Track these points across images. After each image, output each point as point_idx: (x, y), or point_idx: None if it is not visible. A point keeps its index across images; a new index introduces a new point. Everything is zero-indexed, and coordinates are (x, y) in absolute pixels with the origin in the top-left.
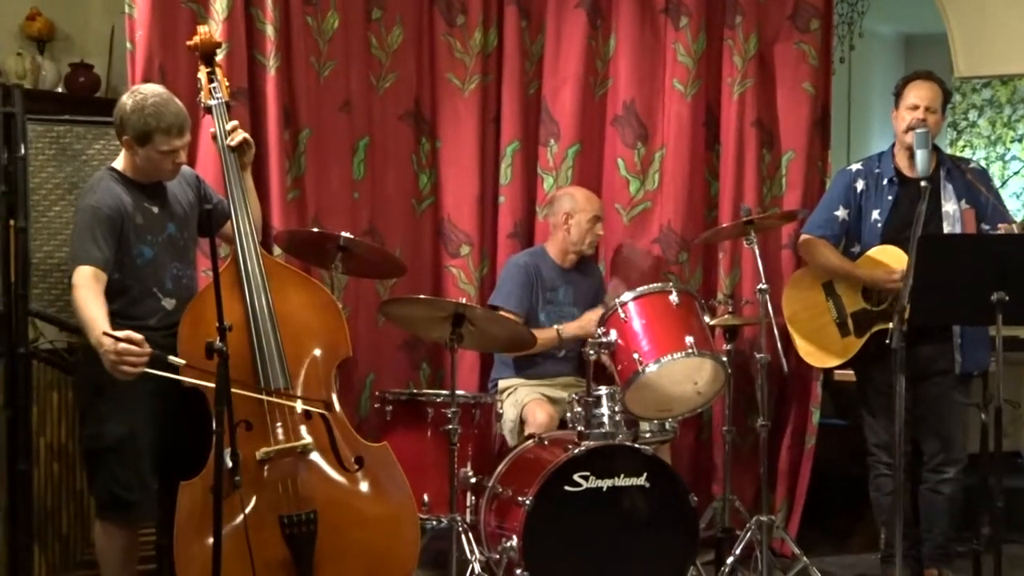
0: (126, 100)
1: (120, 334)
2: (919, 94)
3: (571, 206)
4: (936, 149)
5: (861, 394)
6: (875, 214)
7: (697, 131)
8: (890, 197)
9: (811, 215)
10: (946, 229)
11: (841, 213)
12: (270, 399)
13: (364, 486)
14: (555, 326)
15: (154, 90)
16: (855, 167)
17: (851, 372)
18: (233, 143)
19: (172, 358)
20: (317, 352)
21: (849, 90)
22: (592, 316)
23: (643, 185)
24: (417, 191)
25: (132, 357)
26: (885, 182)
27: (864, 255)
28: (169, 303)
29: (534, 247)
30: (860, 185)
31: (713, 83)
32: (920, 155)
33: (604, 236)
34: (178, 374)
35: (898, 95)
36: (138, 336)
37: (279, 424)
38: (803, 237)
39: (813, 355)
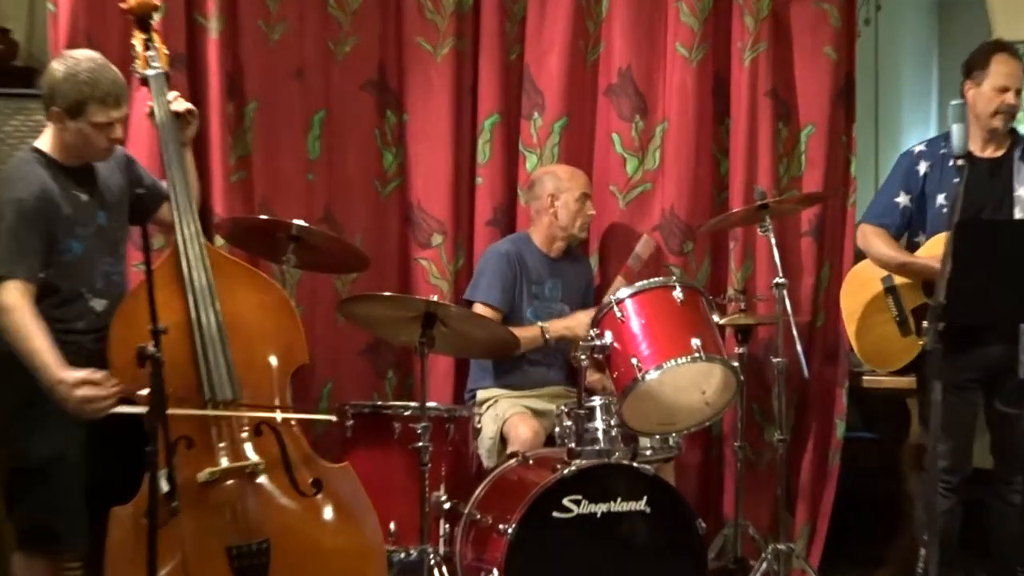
0: (56, 66)
1: (78, 375)
2: (1010, 73)
3: (555, 186)
4: (1012, 130)
5: (923, 400)
6: (940, 199)
7: (703, 102)
8: (957, 180)
9: (871, 202)
10: (1017, 214)
11: (902, 199)
12: (215, 412)
13: (323, 512)
14: (539, 323)
15: (88, 55)
16: (918, 148)
17: (881, 378)
18: (181, 108)
19: (143, 392)
20: (270, 358)
21: (876, 56)
22: (583, 317)
23: (642, 164)
24: (381, 172)
25: (96, 403)
26: (952, 164)
27: (923, 246)
28: (99, 304)
29: (517, 233)
30: (923, 168)
31: (722, 47)
32: (956, 130)
33: (598, 223)
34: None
35: (975, 68)
36: (98, 375)
37: (225, 441)
38: (862, 226)
39: (872, 357)
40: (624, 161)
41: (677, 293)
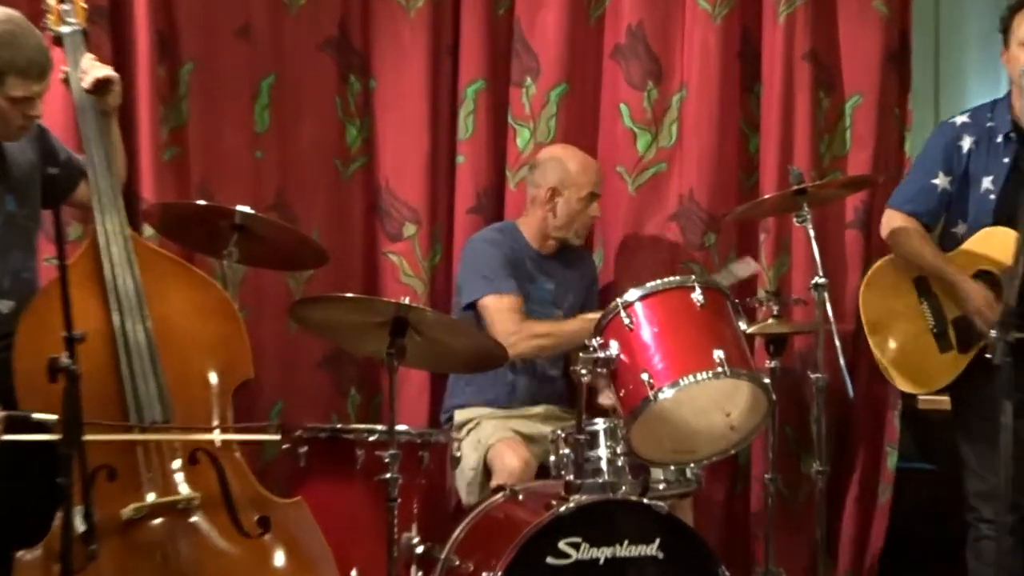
0: None
1: None
2: None
3: (560, 178)
4: None
5: (962, 428)
6: (986, 182)
7: (729, 67)
8: (1006, 159)
9: (900, 184)
10: None
11: (940, 181)
12: (142, 437)
13: (270, 557)
14: (586, 315)
15: (6, 14)
16: (960, 119)
17: (941, 398)
18: (99, 75)
19: (40, 415)
20: (207, 373)
21: (936, 11)
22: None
23: (655, 141)
24: (343, 149)
25: None
26: (1000, 139)
27: (963, 245)
28: (6, 305)
29: (502, 223)
30: (967, 143)
31: (751, 1)
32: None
33: (604, 211)
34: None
35: (1006, 29)
36: None
37: (154, 472)
38: (888, 212)
39: (903, 377)
40: (634, 137)
41: (696, 295)
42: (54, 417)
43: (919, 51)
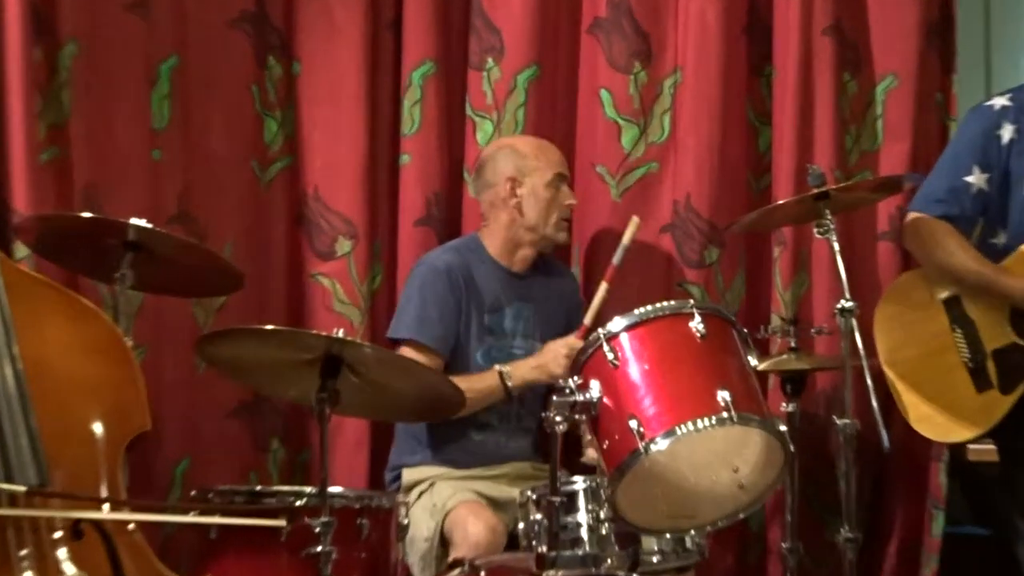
0: None
1: None
2: None
3: (515, 166)
4: None
5: (1008, 486)
6: None
7: (733, 45)
8: None
9: (925, 181)
10: None
11: (975, 179)
12: (12, 512)
13: None
14: (496, 366)
15: None
16: (999, 102)
17: (994, 447)
18: None
19: None
20: (93, 424)
21: None
22: (558, 347)
23: (644, 135)
24: (261, 148)
25: None
26: None
27: (1017, 251)
28: None
29: (462, 238)
30: (1007, 133)
31: None
32: None
33: (581, 222)
34: None
35: None
36: None
37: (28, 548)
38: (911, 217)
39: (929, 420)
40: (618, 130)
41: (696, 324)
42: None
43: (964, 24)
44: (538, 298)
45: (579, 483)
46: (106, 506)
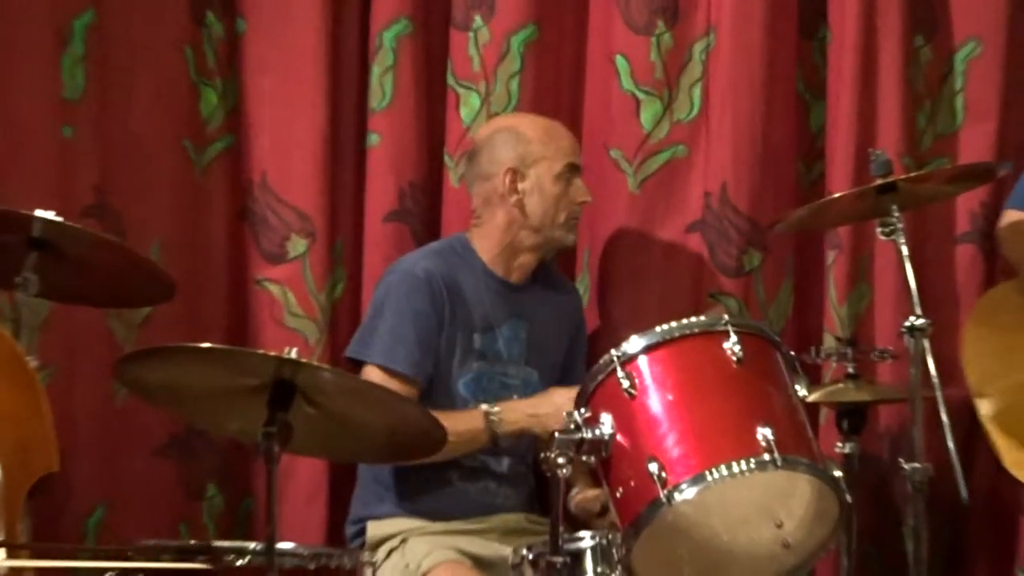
0: None
1: None
2: None
3: (518, 153)
4: None
5: None
6: None
7: (780, 1)
8: None
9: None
10: None
11: None
12: None
13: None
14: (483, 406)
15: None
16: None
17: None
18: None
19: None
20: None
21: None
22: (562, 400)
23: (669, 111)
24: (197, 125)
25: None
26: None
27: None
28: None
29: (446, 239)
30: None
31: None
32: None
33: (591, 218)
34: None
35: None
36: None
37: None
38: (1008, 217)
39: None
40: (637, 105)
41: (732, 345)
42: None
43: None
44: (536, 316)
45: (586, 540)
46: (1, 551)
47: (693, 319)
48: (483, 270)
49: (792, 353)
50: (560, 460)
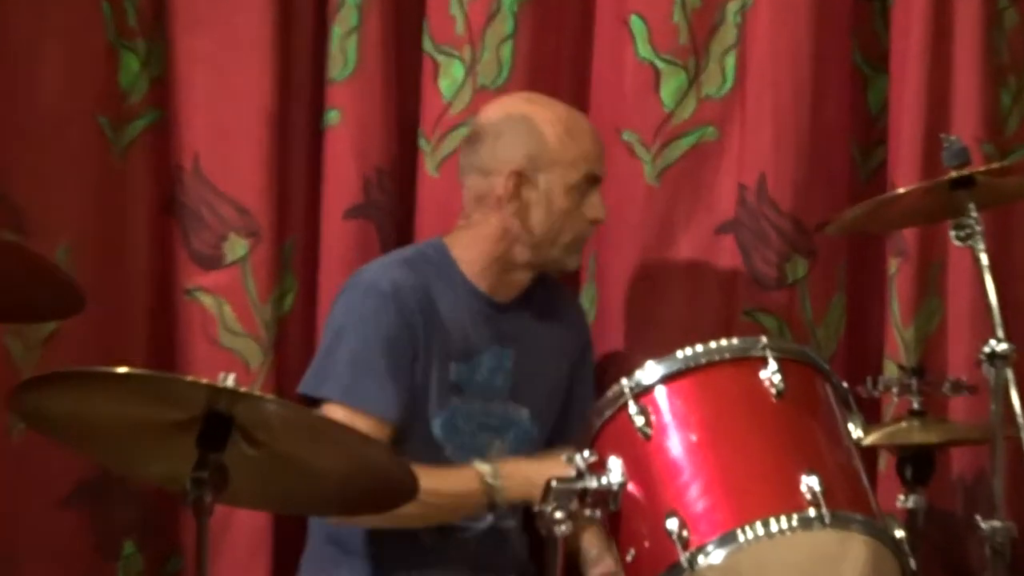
0: None
1: None
2: None
3: (529, 152)
4: None
5: None
6: None
7: None
8: None
9: None
10: None
11: None
12: None
13: None
14: (478, 465)
15: None
16: None
17: None
18: None
19: None
20: None
21: None
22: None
23: (695, 85)
24: (115, 97)
25: None
26: None
27: None
28: None
29: (418, 247)
30: None
31: None
32: None
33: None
34: None
35: None
36: None
37: None
38: None
39: None
40: (656, 77)
41: (770, 374)
42: None
43: None
44: (526, 340)
45: None
46: None
47: (723, 342)
48: (463, 284)
49: (845, 385)
50: (558, 515)
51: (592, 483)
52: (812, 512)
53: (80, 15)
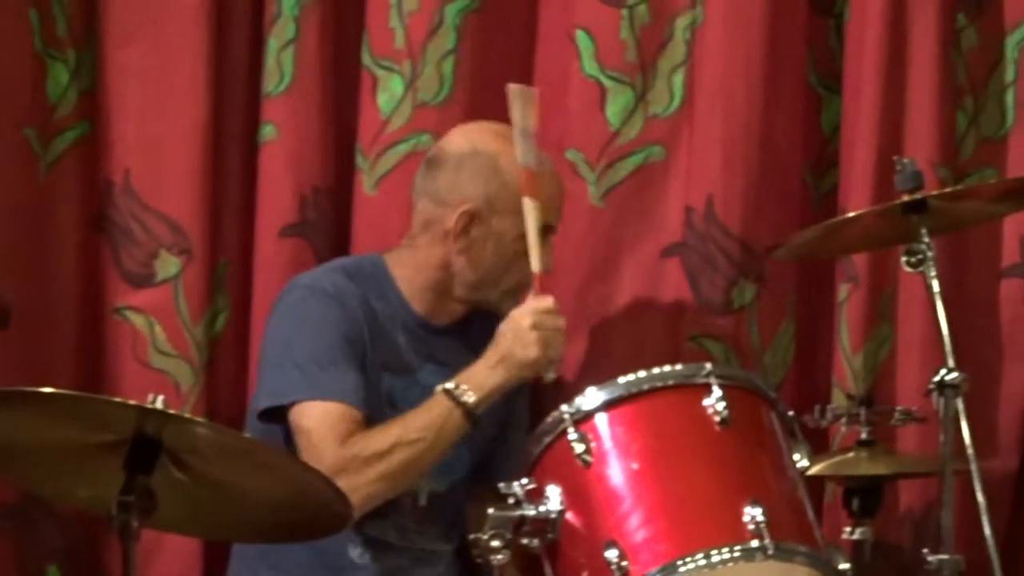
0: None
1: None
2: None
3: (488, 191)
4: None
5: None
6: None
7: None
8: None
9: None
10: None
11: None
12: None
13: None
14: (439, 386)
15: None
16: None
17: None
18: None
19: None
20: None
21: None
22: (517, 321)
23: (643, 102)
24: (42, 110)
25: None
26: None
27: None
28: None
29: (354, 259)
30: None
31: None
32: None
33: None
34: None
35: None
36: None
37: None
38: None
39: None
40: (602, 95)
41: (714, 402)
42: None
43: None
44: (462, 363)
45: None
46: None
47: (667, 368)
48: (400, 303)
49: (791, 413)
50: (495, 543)
51: (530, 511)
52: (755, 543)
53: (5, 23)
